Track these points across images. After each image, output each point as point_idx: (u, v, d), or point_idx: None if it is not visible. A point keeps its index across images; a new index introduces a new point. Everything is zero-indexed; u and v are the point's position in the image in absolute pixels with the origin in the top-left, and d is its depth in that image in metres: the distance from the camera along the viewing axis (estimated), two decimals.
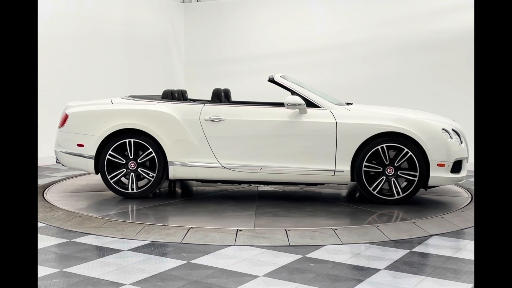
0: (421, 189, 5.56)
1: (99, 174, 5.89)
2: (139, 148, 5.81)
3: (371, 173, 5.54)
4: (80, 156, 5.91)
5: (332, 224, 4.74)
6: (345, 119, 5.56)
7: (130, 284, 3.35)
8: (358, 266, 3.72)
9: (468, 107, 8.58)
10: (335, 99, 6.35)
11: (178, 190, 6.61)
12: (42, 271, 3.57)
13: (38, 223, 4.87)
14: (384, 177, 5.48)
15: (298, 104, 5.54)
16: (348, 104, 6.22)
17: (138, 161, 5.76)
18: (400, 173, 5.47)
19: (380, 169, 5.49)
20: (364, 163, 5.47)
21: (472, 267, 3.69)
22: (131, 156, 5.77)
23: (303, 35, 10.25)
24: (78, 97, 9.25)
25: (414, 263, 3.78)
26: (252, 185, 6.63)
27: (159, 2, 11.11)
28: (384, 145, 5.44)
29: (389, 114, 5.64)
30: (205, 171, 5.72)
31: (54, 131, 8.88)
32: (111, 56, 10.02)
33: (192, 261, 3.79)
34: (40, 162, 8.54)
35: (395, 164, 5.46)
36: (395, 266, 3.71)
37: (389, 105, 8.46)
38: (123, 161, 5.78)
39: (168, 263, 3.75)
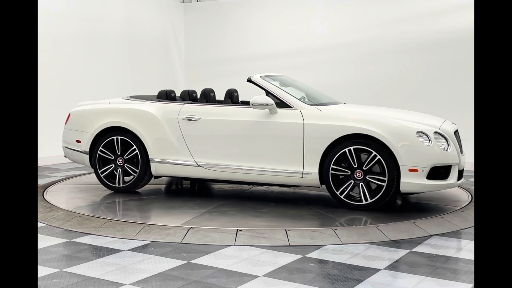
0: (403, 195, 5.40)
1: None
2: (128, 145, 6.07)
3: (341, 177, 5.27)
4: (78, 151, 6.36)
5: (264, 225, 4.65)
6: (313, 119, 5.36)
7: (130, 284, 3.35)
8: (358, 266, 3.72)
9: (468, 107, 8.58)
10: (331, 98, 6.34)
11: (195, 187, 6.79)
12: (42, 271, 3.57)
13: (38, 223, 4.87)
14: (352, 181, 5.19)
15: (266, 104, 5.44)
16: (344, 104, 6.21)
17: (125, 158, 6.06)
18: (368, 177, 5.14)
19: (348, 172, 5.20)
20: (332, 166, 5.22)
21: (472, 267, 3.69)
22: (118, 152, 6.09)
23: (303, 34, 10.25)
24: (78, 97, 9.25)
25: (414, 263, 3.78)
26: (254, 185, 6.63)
27: (159, 2, 11.11)
28: (351, 148, 5.16)
29: (362, 115, 5.36)
30: (183, 169, 5.86)
31: (55, 131, 8.91)
32: (113, 56, 10.02)
33: (192, 261, 3.79)
34: (40, 162, 8.54)
35: (364, 168, 5.14)
36: (395, 266, 3.71)
37: (388, 105, 8.46)
38: (112, 157, 6.11)
39: (168, 263, 3.75)
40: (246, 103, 6.43)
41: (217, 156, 5.71)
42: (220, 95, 6.93)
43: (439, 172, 5.16)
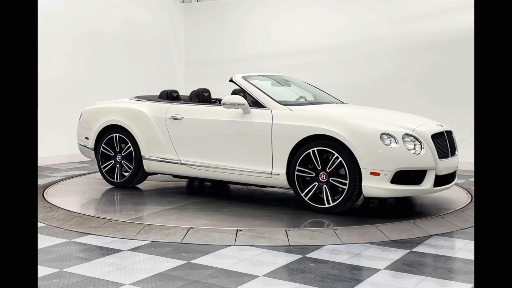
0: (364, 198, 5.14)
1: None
2: (126, 142, 6.36)
3: (307, 179, 5.12)
4: (86, 147, 6.75)
5: (206, 224, 4.69)
6: (281, 120, 5.26)
7: (130, 284, 3.35)
8: (358, 266, 3.72)
9: (469, 107, 8.58)
10: (328, 98, 6.32)
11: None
12: (42, 271, 3.57)
13: (38, 223, 4.87)
14: (317, 183, 5.04)
15: (237, 104, 5.42)
16: (337, 103, 6.14)
17: (122, 154, 6.37)
18: (331, 179, 4.97)
19: (312, 174, 5.06)
20: (298, 167, 5.10)
21: (472, 267, 3.69)
22: (117, 149, 6.42)
23: (303, 34, 10.25)
24: (78, 98, 9.27)
25: (414, 263, 3.78)
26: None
27: (159, 2, 11.11)
28: (315, 149, 5.01)
29: (329, 115, 5.18)
30: (169, 166, 6.03)
31: (55, 131, 8.92)
32: (113, 56, 10.01)
33: (192, 261, 3.80)
34: (40, 162, 8.54)
35: (328, 170, 4.98)
36: (395, 266, 3.71)
37: (387, 105, 8.46)
38: (112, 153, 6.44)
39: (168, 263, 3.75)
40: None
41: (197, 154, 5.81)
42: (224, 95, 6.93)
43: (409, 177, 4.89)
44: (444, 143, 5.23)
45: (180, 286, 3.31)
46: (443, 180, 5.16)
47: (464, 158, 8.43)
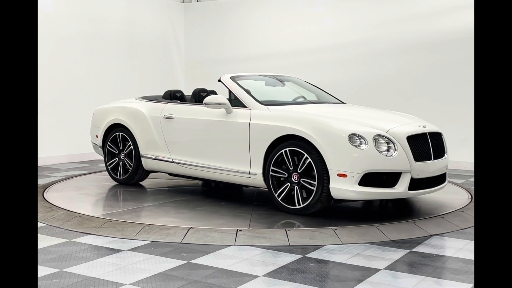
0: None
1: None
2: (128, 141, 6.61)
3: (282, 179, 5.07)
4: (96, 145, 7.02)
5: (169, 221, 4.76)
6: (258, 119, 5.24)
7: (130, 284, 3.35)
8: (358, 266, 3.72)
9: (469, 107, 8.58)
10: (331, 97, 6.32)
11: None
12: (42, 271, 3.57)
13: (38, 223, 4.87)
14: (289, 184, 4.99)
15: (219, 104, 5.44)
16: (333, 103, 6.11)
17: (125, 152, 6.59)
18: (302, 180, 4.91)
19: (285, 174, 5.02)
20: (272, 168, 5.07)
21: (472, 267, 3.69)
22: (120, 147, 6.65)
23: (303, 34, 10.25)
24: (78, 98, 9.26)
25: (414, 263, 3.78)
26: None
27: (159, 2, 11.11)
28: (287, 149, 4.96)
29: (300, 115, 5.09)
30: (164, 164, 6.19)
31: (55, 131, 8.92)
32: (113, 57, 10.01)
33: (192, 261, 3.80)
34: (40, 162, 8.54)
35: (298, 171, 4.91)
36: (395, 266, 3.71)
37: (387, 105, 8.47)
38: (116, 151, 6.70)
39: (168, 263, 3.75)
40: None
41: (186, 153, 5.91)
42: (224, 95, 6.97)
43: (380, 179, 4.74)
44: (424, 145, 5.05)
45: (180, 286, 3.31)
46: (423, 183, 5.01)
47: (464, 158, 8.44)
